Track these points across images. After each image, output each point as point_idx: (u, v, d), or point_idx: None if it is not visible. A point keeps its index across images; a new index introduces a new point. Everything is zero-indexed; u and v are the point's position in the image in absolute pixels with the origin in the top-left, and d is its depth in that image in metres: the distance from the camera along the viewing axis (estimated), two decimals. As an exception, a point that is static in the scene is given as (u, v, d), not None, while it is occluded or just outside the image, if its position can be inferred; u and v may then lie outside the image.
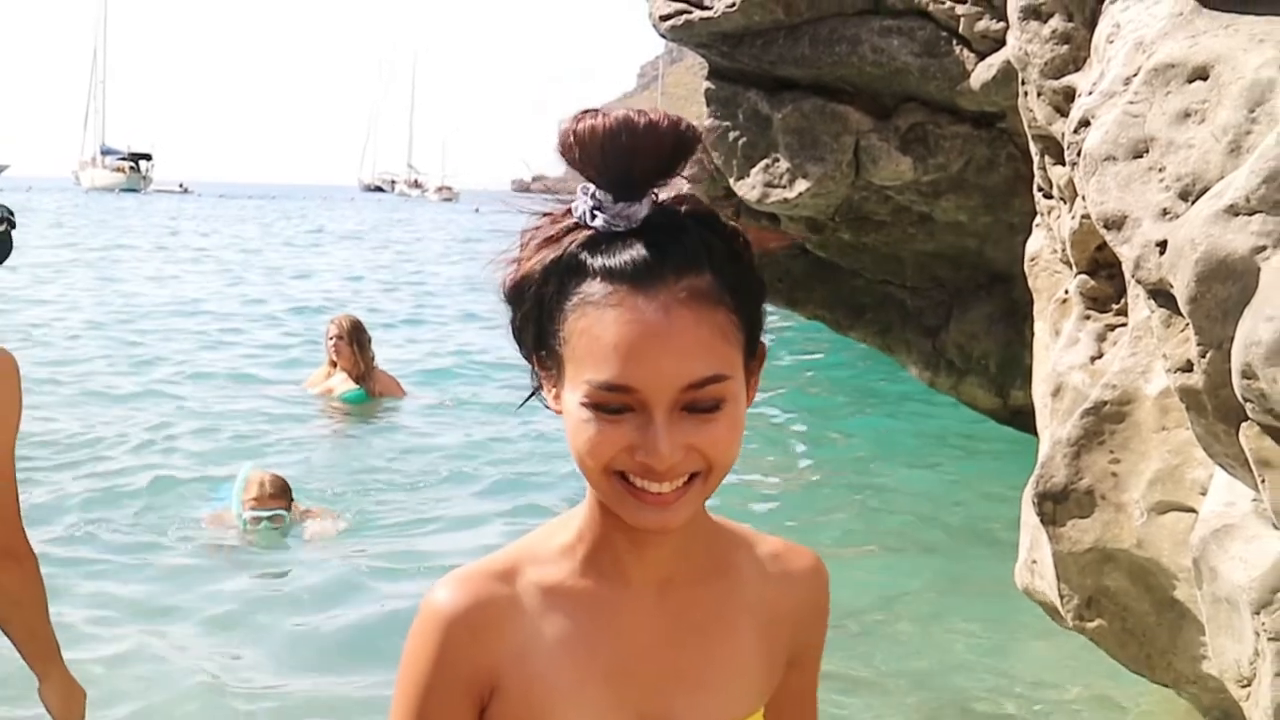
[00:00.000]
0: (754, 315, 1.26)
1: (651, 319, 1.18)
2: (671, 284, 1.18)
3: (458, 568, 1.36)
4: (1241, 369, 2.24)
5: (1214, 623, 2.71)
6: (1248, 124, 2.47)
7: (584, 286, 1.20)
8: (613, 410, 1.20)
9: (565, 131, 1.22)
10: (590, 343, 1.19)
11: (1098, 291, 3.57)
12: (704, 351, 1.19)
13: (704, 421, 1.21)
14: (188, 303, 17.73)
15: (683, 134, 1.21)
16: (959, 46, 6.84)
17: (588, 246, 1.22)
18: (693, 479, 1.23)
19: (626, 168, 1.20)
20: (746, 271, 1.25)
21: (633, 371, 1.18)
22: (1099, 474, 3.12)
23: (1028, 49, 3.69)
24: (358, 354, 9.20)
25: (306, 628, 5.18)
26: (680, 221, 1.22)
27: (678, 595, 1.36)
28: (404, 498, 7.19)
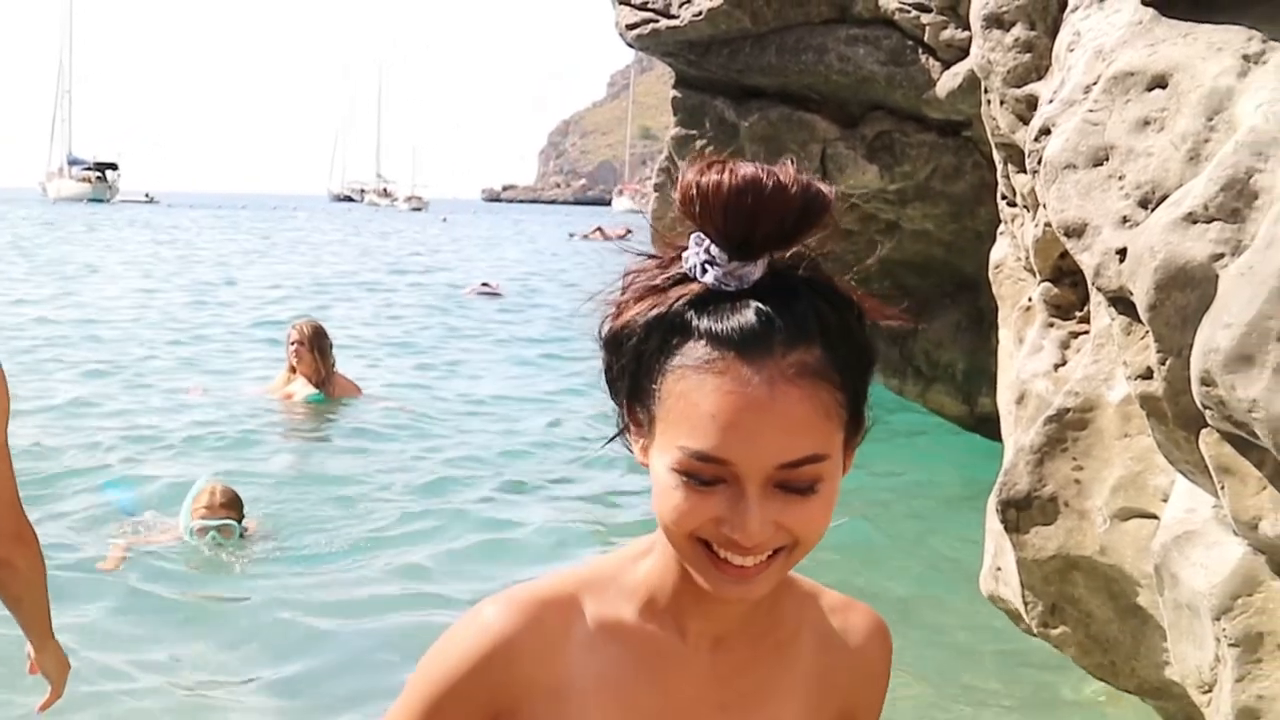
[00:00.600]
0: (860, 390, 1.21)
1: (754, 392, 1.12)
2: (779, 356, 1.13)
3: (512, 587, 1.32)
4: (1200, 376, 2.25)
5: (1176, 629, 2.72)
6: (1206, 132, 2.48)
7: (687, 347, 1.15)
8: (704, 481, 1.15)
9: (689, 184, 1.16)
10: (688, 408, 1.15)
11: (1061, 299, 3.58)
12: (806, 430, 1.14)
13: (797, 500, 1.16)
14: (146, 309, 17.59)
15: (811, 199, 1.15)
16: (925, 55, 6.88)
17: (695, 305, 1.16)
18: (776, 553, 1.18)
19: (748, 230, 1.14)
20: (858, 345, 1.19)
21: (729, 444, 1.13)
22: (1062, 481, 3.12)
23: (990, 57, 3.71)
24: (318, 360, 9.14)
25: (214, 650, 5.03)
26: (795, 288, 1.16)
27: (732, 656, 1.32)
28: (350, 513, 6.96)
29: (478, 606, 1.30)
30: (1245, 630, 2.42)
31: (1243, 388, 2.14)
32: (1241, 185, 2.28)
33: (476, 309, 19.75)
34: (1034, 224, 3.58)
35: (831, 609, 1.39)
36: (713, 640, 1.30)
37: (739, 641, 1.31)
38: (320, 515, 6.83)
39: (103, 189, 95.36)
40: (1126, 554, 2.98)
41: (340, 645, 5.09)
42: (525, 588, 1.32)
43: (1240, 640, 2.43)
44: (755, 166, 1.15)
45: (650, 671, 1.29)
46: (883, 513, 7.42)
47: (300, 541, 6.37)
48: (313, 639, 5.12)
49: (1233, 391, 2.16)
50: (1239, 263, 2.22)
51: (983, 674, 4.84)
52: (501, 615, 1.28)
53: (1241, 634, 2.43)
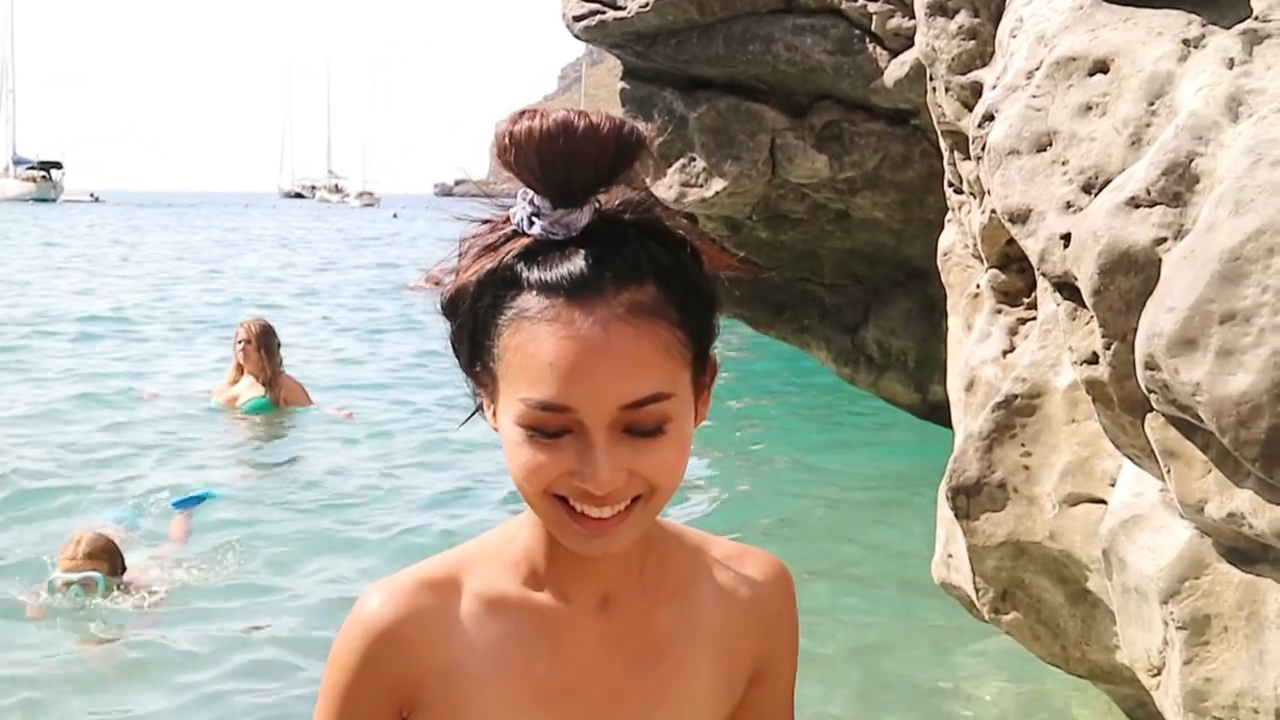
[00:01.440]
0: (702, 329, 1.19)
1: (588, 335, 1.10)
2: (611, 297, 1.12)
3: (395, 573, 1.31)
4: (1145, 360, 2.25)
5: (1124, 613, 2.73)
6: (1147, 116, 2.49)
7: (519, 300, 1.14)
8: (550, 433, 1.13)
9: (501, 133, 1.14)
10: (524, 360, 1.13)
11: (1008, 286, 3.58)
12: (645, 369, 1.12)
13: (647, 443, 1.14)
14: (67, 311, 17.35)
15: (625, 138, 1.14)
16: (872, 44, 6.88)
17: (524, 257, 1.15)
18: (634, 502, 1.17)
19: (565, 174, 1.13)
20: (694, 283, 1.18)
21: (569, 391, 1.11)
22: (1011, 467, 3.13)
23: (935, 45, 3.71)
24: (265, 359, 8.99)
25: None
26: (622, 231, 1.16)
27: (623, 613, 1.30)
28: (264, 555, 6.14)
29: (358, 600, 1.29)
30: (1192, 613, 2.43)
31: (1186, 371, 2.14)
32: (1183, 169, 2.28)
33: (421, 304, 19.63)
34: (980, 211, 3.58)
35: (727, 557, 1.37)
36: (599, 600, 1.29)
37: (628, 597, 1.30)
38: (229, 557, 5.98)
39: (47, 188, 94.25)
40: (1075, 539, 2.99)
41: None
42: (403, 573, 1.31)
43: (1188, 623, 2.43)
44: (567, 111, 1.13)
45: (541, 641, 1.27)
46: (836, 501, 7.45)
47: (190, 596, 5.47)
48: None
49: (1176, 375, 2.16)
50: (1181, 246, 2.22)
51: (935, 661, 4.85)
52: (379, 605, 1.27)
53: (1189, 617, 2.43)
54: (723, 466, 8.69)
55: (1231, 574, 2.39)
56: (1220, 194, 2.17)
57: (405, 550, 6.06)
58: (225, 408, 9.20)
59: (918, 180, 7.36)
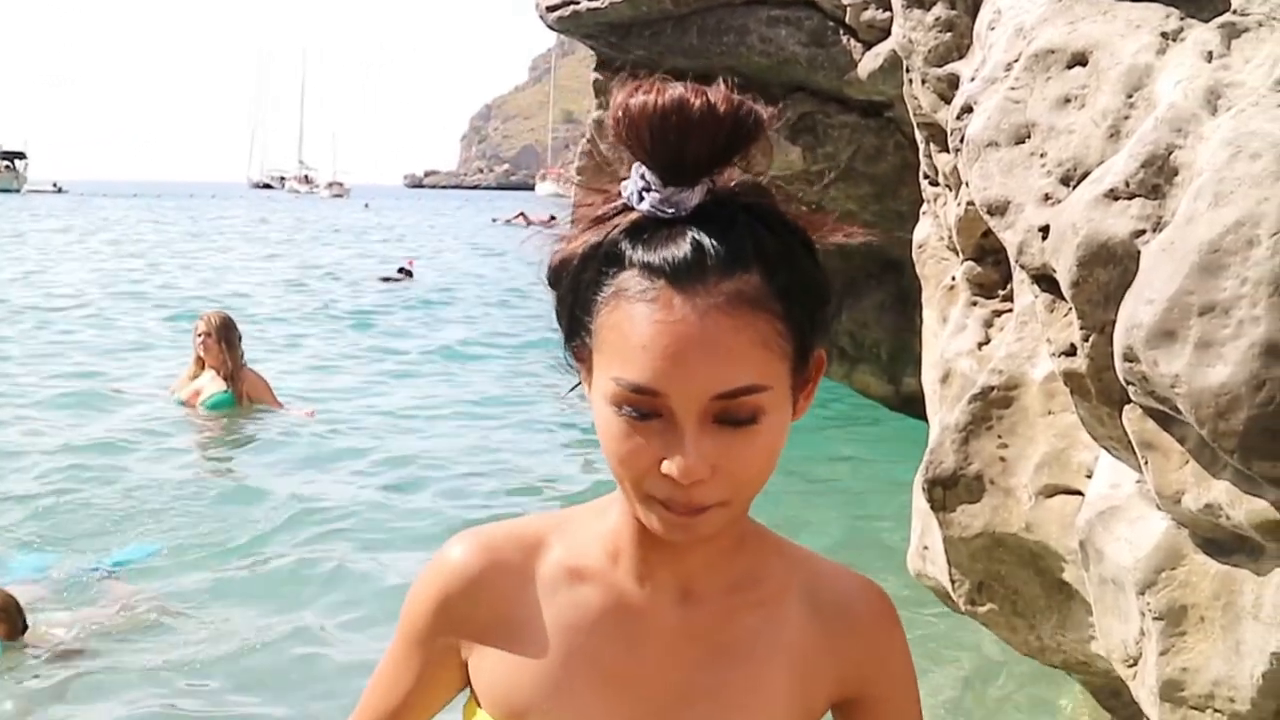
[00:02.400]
0: (807, 323, 1.16)
1: (686, 321, 1.08)
2: (712, 285, 1.09)
3: (484, 525, 1.32)
4: (1123, 352, 2.26)
5: (1100, 604, 2.74)
6: (1126, 109, 2.49)
7: (620, 277, 1.12)
8: (641, 414, 1.11)
9: (617, 105, 1.13)
10: (620, 339, 1.11)
11: (984, 278, 3.60)
12: (741, 360, 1.09)
13: (737, 435, 1.12)
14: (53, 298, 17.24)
15: (742, 119, 1.12)
16: (846, 36, 6.89)
17: (630, 233, 1.13)
18: (717, 505, 1.14)
19: (677, 152, 1.11)
20: (802, 274, 1.15)
21: (661, 376, 1.09)
22: (987, 459, 3.13)
23: (912, 37, 3.71)
24: (226, 352, 8.76)
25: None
26: (733, 214, 1.13)
27: (705, 610, 1.27)
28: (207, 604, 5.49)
29: (446, 544, 1.31)
30: (1169, 603, 2.44)
31: (1165, 363, 2.15)
32: (1162, 162, 2.29)
33: (394, 296, 19.54)
34: (956, 203, 3.59)
35: (826, 575, 1.34)
36: (681, 592, 1.27)
37: (712, 594, 1.28)
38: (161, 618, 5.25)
39: (10, 178, 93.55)
40: (1052, 530, 3.00)
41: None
42: (492, 525, 1.32)
43: (1164, 613, 2.45)
44: (684, 87, 1.12)
45: (614, 621, 1.26)
46: (810, 493, 7.46)
47: (107, 659, 4.79)
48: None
49: (1155, 367, 2.17)
50: (1160, 239, 2.23)
51: (913, 653, 4.86)
52: (465, 552, 1.28)
53: (1165, 607, 2.44)
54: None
55: (1208, 565, 2.40)
56: (1199, 186, 2.18)
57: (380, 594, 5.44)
58: (187, 404, 8.95)
59: (891, 172, 7.39)
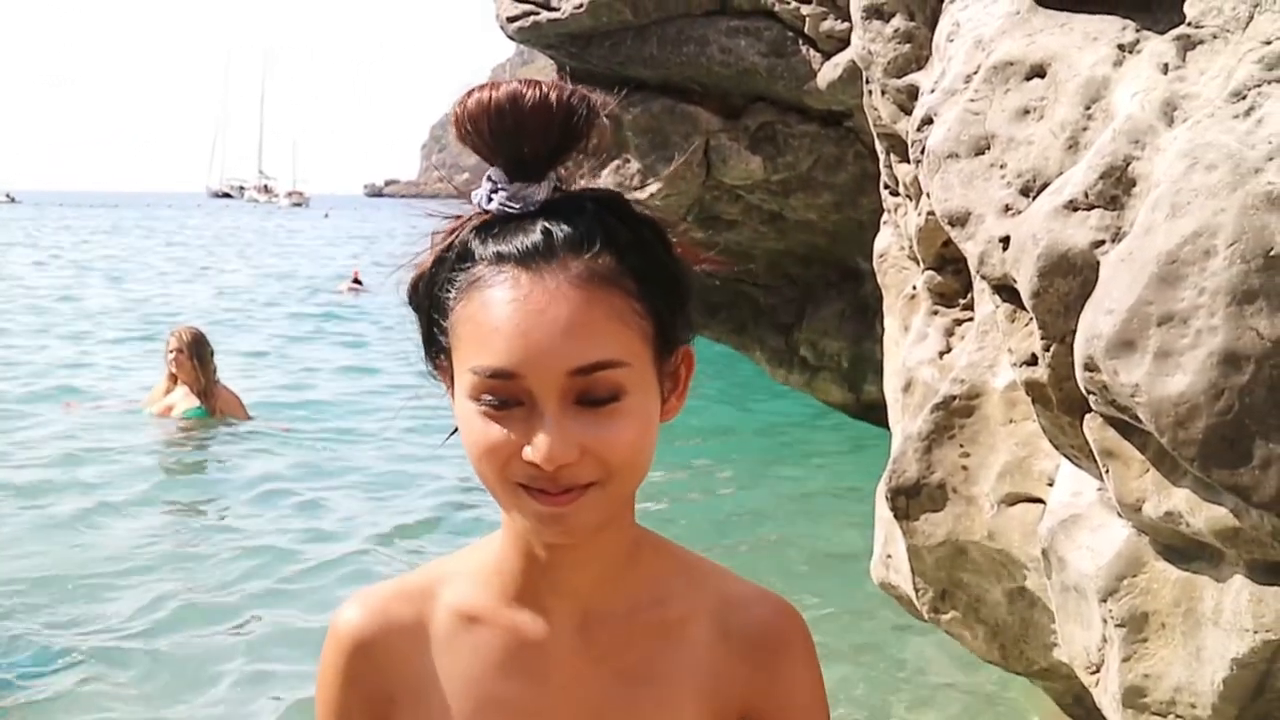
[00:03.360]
0: (665, 306, 1.15)
1: (537, 298, 1.08)
2: (563, 264, 1.09)
3: (372, 585, 1.30)
4: (1084, 362, 2.28)
5: (1063, 611, 2.76)
6: (1084, 120, 2.52)
7: (471, 271, 1.12)
8: (500, 403, 1.10)
9: (456, 107, 1.13)
10: (474, 328, 1.11)
11: (945, 287, 3.62)
12: (595, 333, 1.09)
13: (600, 416, 1.09)
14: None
15: (573, 107, 1.12)
16: (805, 46, 6.92)
17: (479, 231, 1.14)
18: (590, 486, 1.11)
19: (516, 146, 1.12)
20: (657, 261, 1.16)
21: (515, 356, 1.08)
22: (950, 468, 3.15)
23: (871, 48, 3.73)
24: (198, 368, 8.74)
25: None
26: (581, 203, 1.14)
27: (605, 633, 1.24)
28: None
29: (336, 612, 1.28)
30: (1131, 610, 2.46)
31: (1125, 372, 2.17)
32: (1120, 173, 2.31)
33: (352, 308, 19.45)
34: (917, 213, 3.61)
35: (734, 595, 1.29)
36: (579, 617, 1.24)
37: (611, 617, 1.24)
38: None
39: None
40: (1014, 538, 3.02)
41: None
42: (380, 584, 1.30)
43: (1126, 620, 2.47)
44: (519, 81, 1.12)
45: (514, 658, 1.24)
46: (771, 501, 7.47)
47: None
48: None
49: (1115, 376, 2.19)
50: (1119, 249, 2.25)
51: (876, 662, 4.88)
52: (352, 615, 1.27)
53: (1127, 614, 2.47)
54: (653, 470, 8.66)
55: (1169, 572, 2.43)
56: (1156, 197, 2.20)
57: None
58: (159, 418, 8.90)
59: (851, 182, 7.42)
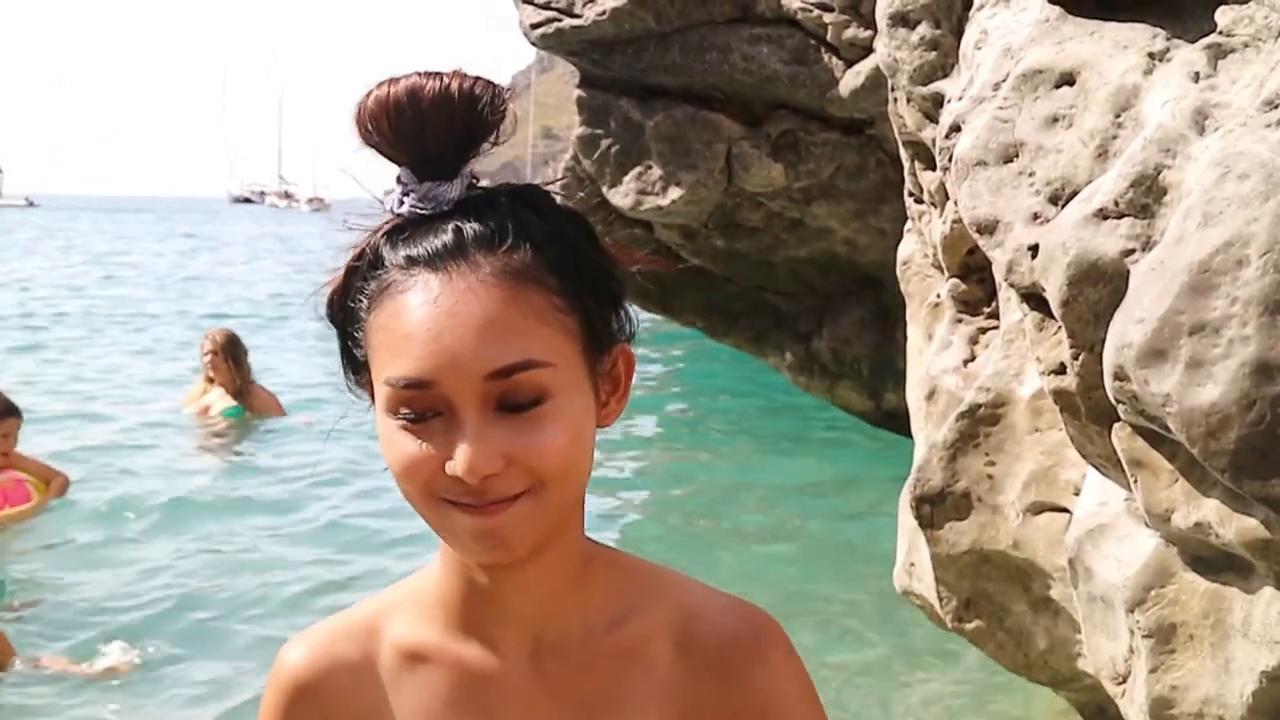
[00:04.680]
0: (594, 302, 1.08)
1: (447, 299, 1.01)
2: (476, 261, 1.02)
3: (314, 625, 1.22)
4: (1113, 371, 2.26)
5: (1089, 621, 2.74)
6: (1114, 128, 2.50)
7: (382, 279, 1.05)
8: (418, 417, 1.02)
9: (356, 106, 1.06)
10: (385, 338, 1.03)
11: (969, 295, 3.61)
12: (512, 334, 1.01)
13: (523, 421, 1.02)
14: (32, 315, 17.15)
15: (476, 96, 1.05)
16: (828, 54, 6.92)
17: (390, 236, 1.07)
18: (520, 496, 1.03)
19: (420, 142, 1.05)
20: (580, 255, 1.08)
21: (428, 362, 1.00)
22: (975, 476, 3.14)
23: (896, 55, 3.72)
24: (234, 369, 8.89)
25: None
26: (495, 199, 1.07)
27: (559, 662, 1.15)
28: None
29: (279, 652, 1.21)
30: (1158, 621, 2.45)
31: (1156, 382, 2.16)
32: (1150, 181, 2.30)
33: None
34: (941, 221, 3.60)
35: (700, 606, 1.19)
36: (531, 646, 1.15)
37: (566, 644, 1.15)
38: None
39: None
40: (1039, 548, 3.01)
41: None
42: (323, 622, 1.22)
43: (1153, 631, 2.45)
44: (419, 74, 1.05)
45: (464, 696, 1.15)
46: (791, 509, 7.46)
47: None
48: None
49: (1146, 386, 2.18)
50: (1150, 258, 2.24)
51: (899, 670, 4.86)
52: (295, 656, 1.19)
53: (1155, 625, 2.45)
54: (666, 475, 8.68)
55: (1197, 583, 2.41)
56: (1188, 206, 2.19)
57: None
58: (197, 418, 9.06)
59: (872, 190, 7.42)
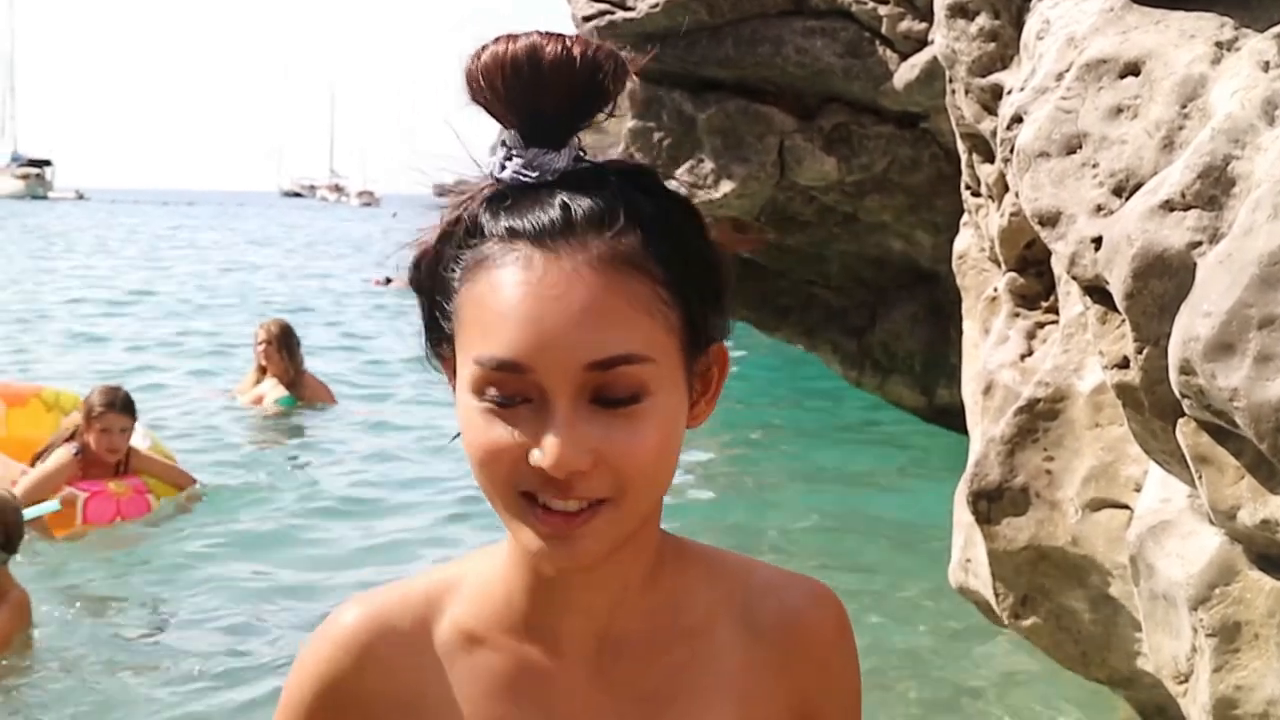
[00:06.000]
0: (696, 296, 1.01)
1: (551, 280, 0.95)
2: (584, 242, 0.96)
3: (370, 590, 1.16)
4: (1179, 365, 2.23)
5: (1151, 619, 2.71)
6: (1180, 119, 2.47)
7: (479, 249, 0.99)
8: (506, 400, 0.96)
9: (468, 61, 1.00)
10: (479, 314, 0.97)
11: (1027, 289, 3.57)
12: (616, 323, 0.95)
13: (618, 418, 0.96)
14: (89, 303, 17.37)
15: (599, 63, 0.99)
16: (882, 47, 6.87)
17: (490, 203, 1.00)
18: (602, 505, 0.97)
19: (535, 105, 0.99)
20: (688, 245, 1.02)
21: (525, 345, 0.94)
22: (1033, 472, 3.11)
23: (955, 47, 3.68)
24: (287, 359, 8.99)
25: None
26: (604, 177, 1.00)
27: (622, 659, 1.10)
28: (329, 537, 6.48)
29: (333, 612, 1.15)
30: (1223, 620, 2.41)
31: (1223, 376, 2.12)
32: (1219, 173, 2.26)
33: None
34: (999, 213, 3.56)
35: (762, 586, 1.15)
36: (595, 639, 1.09)
37: (630, 641, 1.10)
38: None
39: (37, 185, 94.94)
40: (1098, 544, 2.97)
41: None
42: (380, 589, 1.15)
43: (1218, 630, 2.42)
44: (540, 34, 0.99)
45: (521, 687, 1.09)
46: (844, 505, 7.42)
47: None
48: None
49: (1213, 380, 2.14)
50: (1217, 250, 2.21)
51: (953, 666, 4.83)
52: (348, 619, 1.12)
53: (1219, 624, 2.41)
54: (716, 471, 8.66)
55: (1263, 581, 2.37)
56: (1258, 197, 2.15)
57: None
58: (250, 407, 9.19)
59: (925, 184, 7.36)
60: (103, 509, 6.08)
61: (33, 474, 5.99)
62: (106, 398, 6.20)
